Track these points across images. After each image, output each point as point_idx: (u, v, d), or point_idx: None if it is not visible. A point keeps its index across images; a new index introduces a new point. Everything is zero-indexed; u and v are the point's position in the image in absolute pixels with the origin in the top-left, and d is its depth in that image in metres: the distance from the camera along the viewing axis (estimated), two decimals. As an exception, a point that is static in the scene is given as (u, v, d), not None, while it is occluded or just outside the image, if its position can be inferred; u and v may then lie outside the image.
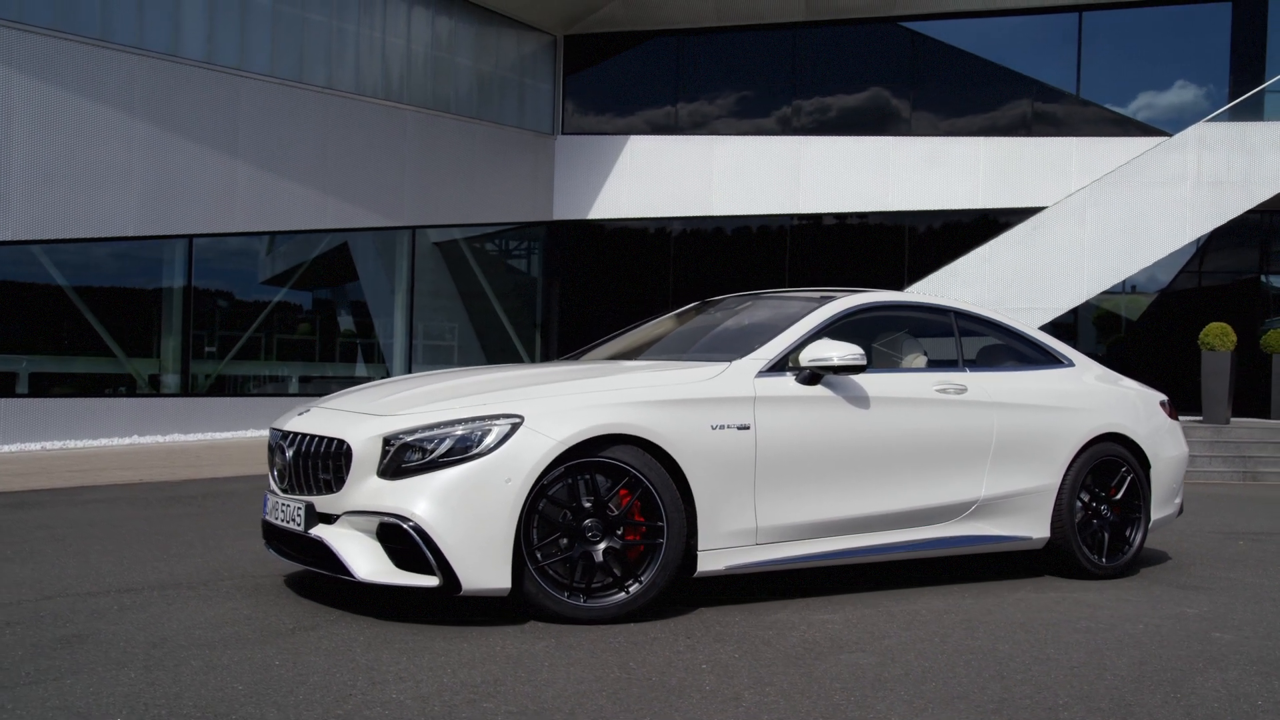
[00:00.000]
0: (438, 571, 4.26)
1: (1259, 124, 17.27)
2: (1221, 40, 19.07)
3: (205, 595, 4.92)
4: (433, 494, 4.29)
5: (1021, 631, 4.63)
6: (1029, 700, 3.64)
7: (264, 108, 15.77)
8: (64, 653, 3.92)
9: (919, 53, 19.64)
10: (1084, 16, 19.13)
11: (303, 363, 17.32)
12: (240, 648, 4.01)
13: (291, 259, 17.01)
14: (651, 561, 4.55)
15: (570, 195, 20.33)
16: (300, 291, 17.31)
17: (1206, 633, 4.73)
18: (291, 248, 16.90)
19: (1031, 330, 6.28)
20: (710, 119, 20.38)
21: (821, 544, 5.06)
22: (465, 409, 4.46)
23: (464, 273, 19.73)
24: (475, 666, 3.84)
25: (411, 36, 18.04)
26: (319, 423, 4.69)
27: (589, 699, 3.51)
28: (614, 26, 20.24)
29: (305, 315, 17.56)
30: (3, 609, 4.59)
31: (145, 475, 10.56)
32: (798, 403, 5.01)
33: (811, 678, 3.82)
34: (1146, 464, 6.17)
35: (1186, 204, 17.04)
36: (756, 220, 20.03)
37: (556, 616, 4.44)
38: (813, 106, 20.00)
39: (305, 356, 17.36)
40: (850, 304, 5.52)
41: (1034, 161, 18.80)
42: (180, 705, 3.36)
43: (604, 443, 4.50)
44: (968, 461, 5.52)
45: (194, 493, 9.34)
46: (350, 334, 18.05)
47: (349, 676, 3.69)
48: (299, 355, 17.33)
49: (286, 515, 4.68)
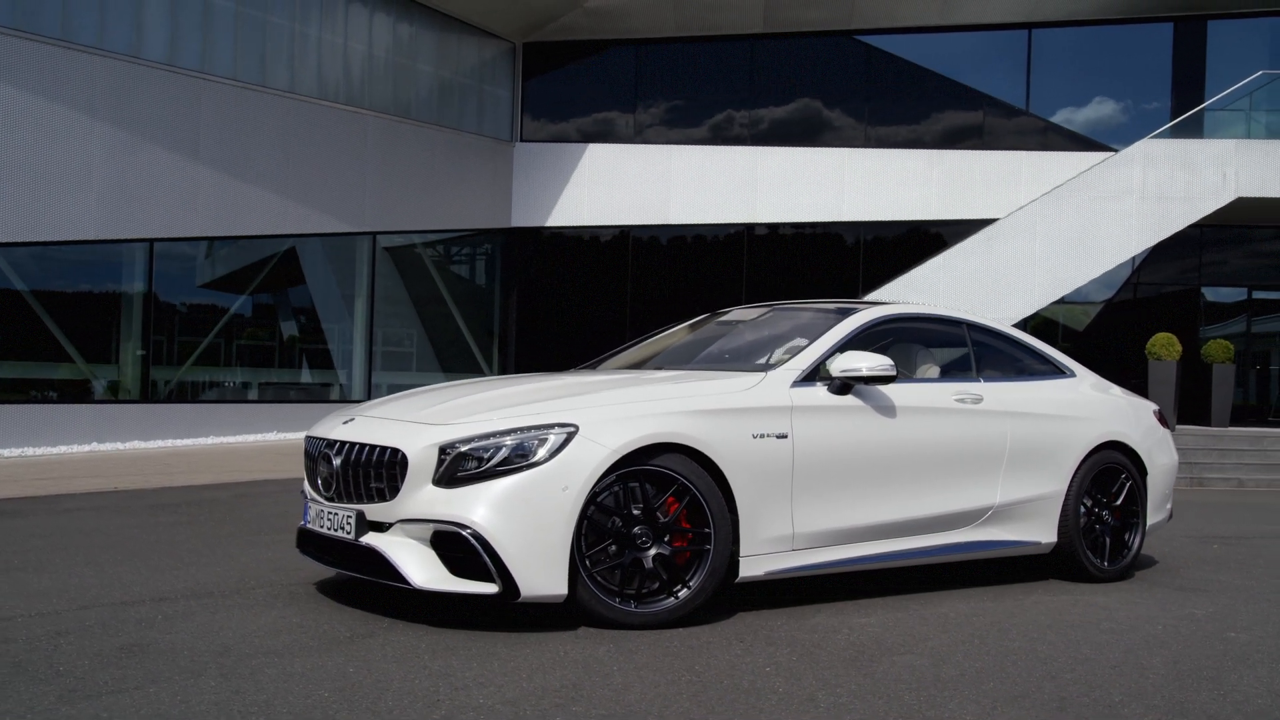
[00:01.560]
0: (497, 578, 4.32)
1: (1200, 141, 17.87)
2: (1163, 59, 19.69)
3: (243, 603, 4.92)
4: (491, 502, 4.35)
5: (1051, 633, 4.81)
6: (1086, 698, 3.81)
7: (226, 110, 15.61)
8: (131, 662, 3.92)
9: (874, 66, 20.00)
10: (1033, 34, 19.63)
11: (263, 369, 17.13)
12: (307, 655, 4.04)
13: (252, 264, 16.83)
14: (699, 567, 4.65)
15: (528, 202, 20.37)
16: (260, 297, 17.14)
17: (1221, 633, 4.95)
18: (252, 253, 16.72)
19: (1035, 341, 6.50)
20: (669, 128, 20.55)
21: (852, 549, 5.21)
22: (520, 418, 4.53)
23: (422, 279, 19.67)
24: (548, 671, 3.91)
25: (373, 41, 17.97)
26: (368, 431, 4.72)
27: (673, 702, 3.61)
28: (573, 35, 20.33)
29: (265, 321, 17.38)
30: (43, 618, 4.56)
31: (118, 483, 10.41)
32: (830, 412, 5.15)
33: (874, 679, 3.95)
34: (1143, 471, 6.41)
35: (1133, 218, 17.57)
36: (714, 229, 20.23)
37: (608, 622, 4.52)
38: (770, 117, 20.26)
39: (265, 363, 17.18)
40: (874, 316, 5.68)
41: (985, 173, 19.24)
42: (275, 713, 3.39)
43: (653, 451, 4.59)
44: (984, 469, 5.71)
45: (175, 500, 9.23)
46: (310, 340, 17.89)
47: (428, 682, 3.74)
48: (259, 361, 17.15)
49: (334, 523, 4.70)
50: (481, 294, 21.07)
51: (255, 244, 16.56)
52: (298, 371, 17.58)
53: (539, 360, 20.72)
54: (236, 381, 16.83)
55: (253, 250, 16.67)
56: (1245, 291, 20.02)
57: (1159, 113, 19.59)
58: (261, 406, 16.40)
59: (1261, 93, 18.65)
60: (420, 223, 18.79)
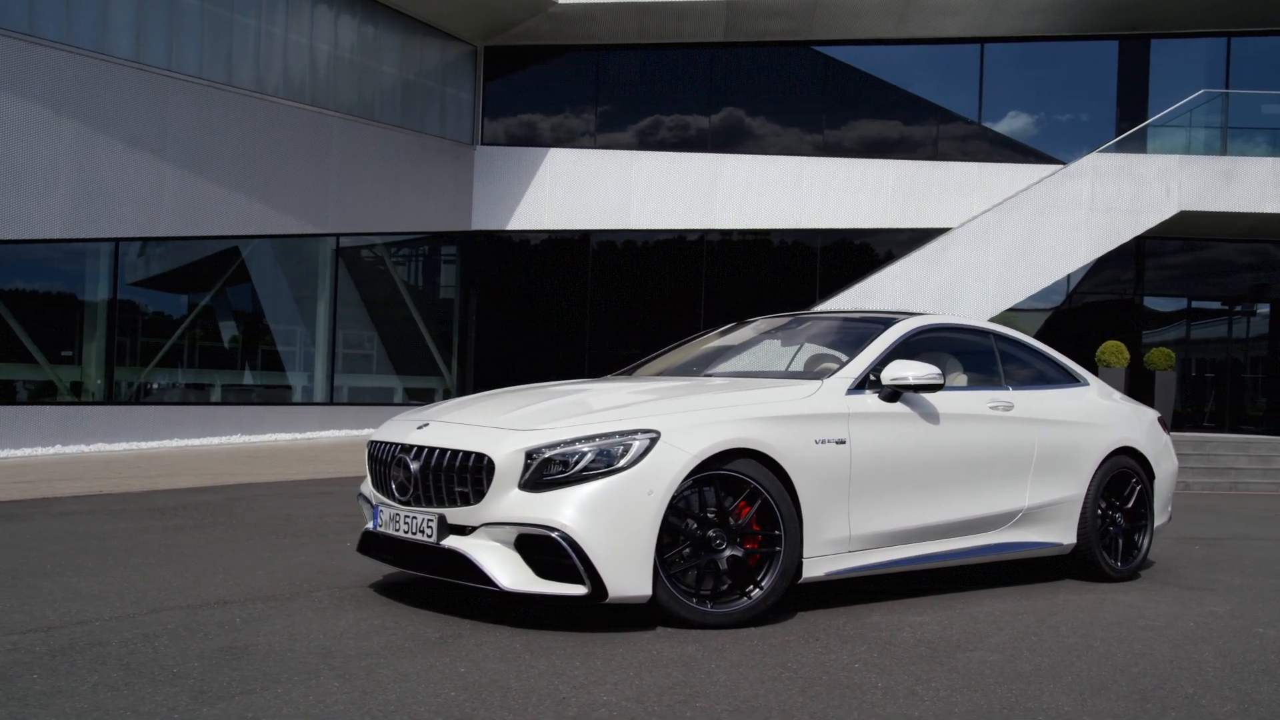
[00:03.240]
0: (586, 580, 4.44)
1: (1144, 156, 18.52)
2: (1109, 76, 20.34)
3: (311, 606, 4.97)
4: (579, 505, 4.47)
5: (1098, 629, 5.05)
6: (1161, 690, 4.04)
7: (193, 109, 15.44)
8: (240, 664, 3.97)
9: (832, 77, 20.38)
10: (985, 48, 20.16)
11: (225, 370, 16.95)
12: (410, 656, 4.13)
13: (217, 265, 16.64)
14: (770, 568, 4.81)
15: (489, 206, 20.39)
16: (224, 298, 16.95)
17: (1249, 629, 5.24)
18: (217, 253, 16.53)
19: (1053, 351, 6.78)
20: (630, 134, 20.72)
21: (902, 551, 5.41)
22: (603, 424, 4.65)
23: (383, 282, 19.59)
24: (653, 669, 4.04)
25: (337, 42, 17.87)
26: (449, 436, 4.80)
27: (786, 698, 3.76)
28: (535, 39, 20.41)
29: (228, 323, 17.19)
30: (119, 622, 4.56)
31: (100, 486, 10.28)
32: (882, 418, 5.36)
33: (958, 673, 4.15)
34: (1151, 475, 6.72)
35: (1082, 229, 18.15)
36: (674, 235, 20.44)
37: (685, 622, 4.66)
38: (730, 125, 20.53)
39: (228, 365, 16.99)
40: (914, 325, 5.90)
41: (938, 184, 19.71)
42: (415, 712, 3.48)
43: (727, 456, 4.75)
44: (1015, 473, 5.96)
45: (168, 504, 9.15)
46: (272, 342, 17.73)
47: (544, 681, 3.85)
48: (221, 363, 16.95)
49: (413, 527, 4.78)
50: (442, 297, 21.03)
51: (220, 244, 16.39)
52: (260, 374, 17.42)
53: (499, 363, 20.75)
54: (199, 383, 16.63)
55: (217, 250, 16.49)
56: (1185, 301, 20.75)
57: (1105, 127, 20.23)
58: (224, 409, 16.23)
59: (1201, 110, 19.39)
60: (382, 225, 18.73)
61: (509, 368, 20.83)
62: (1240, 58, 19.93)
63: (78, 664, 3.94)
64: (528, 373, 20.62)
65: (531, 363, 20.80)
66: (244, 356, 17.23)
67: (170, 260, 16.22)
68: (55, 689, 3.64)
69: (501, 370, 20.81)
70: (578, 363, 20.57)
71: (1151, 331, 20.74)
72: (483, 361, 20.79)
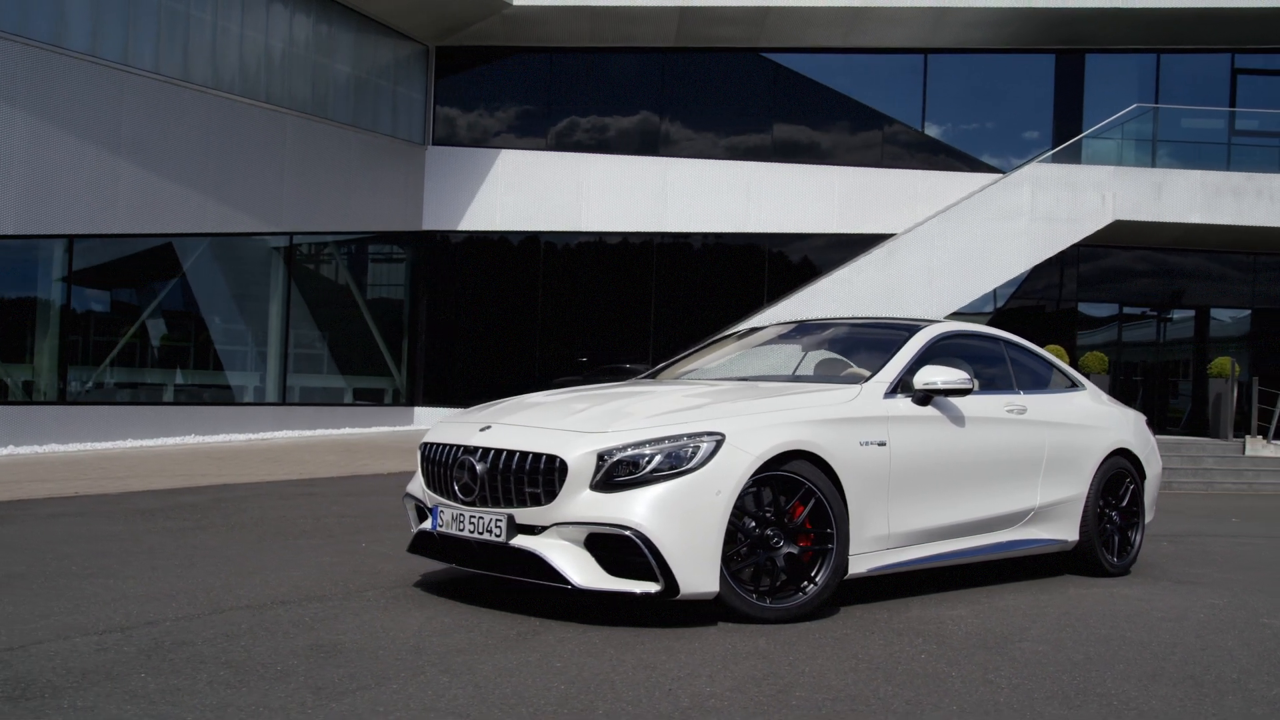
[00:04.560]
0: (660, 577, 4.60)
1: (1081, 166, 19.23)
2: (1046, 88, 21.02)
3: (372, 605, 5.05)
4: (651, 504, 4.63)
5: (1125, 622, 5.35)
6: (1209, 675, 4.33)
7: (149, 105, 15.21)
8: (341, 660, 4.05)
9: (781, 84, 20.74)
10: (929, 59, 20.69)
11: (178, 370, 16.70)
12: (501, 652, 4.24)
13: (170, 263, 16.39)
14: (824, 565, 5.02)
15: (440, 206, 20.36)
16: (177, 297, 16.70)
17: (1256, 620, 5.58)
18: (171, 251, 16.28)
19: (1053, 357, 7.11)
20: (582, 136, 20.85)
21: (933, 548, 5.67)
22: (671, 427, 4.82)
23: (335, 281, 19.46)
24: (738, 662, 4.22)
25: (292, 39, 17.72)
26: (518, 438, 4.92)
27: (874, 686, 3.97)
28: (488, 40, 20.43)
29: (181, 321, 16.94)
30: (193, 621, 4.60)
31: (72, 488, 10.06)
32: (916, 421, 5.60)
33: (1020, 662, 4.40)
34: (1143, 475, 7.09)
35: (1023, 236, 18.76)
36: (625, 237, 20.62)
37: (745, 617, 4.85)
38: (681, 129, 20.78)
39: (180, 364, 16.75)
40: (937, 332, 6.16)
41: (884, 191, 20.18)
42: (536, 704, 3.61)
43: (785, 458, 4.94)
44: (1029, 474, 6.26)
45: (152, 506, 9.04)
46: (225, 341, 17.50)
47: (642, 675, 4.00)
48: (174, 362, 16.70)
49: (481, 527, 4.89)
50: (392, 297, 20.94)
51: (174, 242, 16.15)
52: (213, 373, 17.19)
53: (449, 364, 20.73)
54: (152, 383, 16.36)
55: (171, 248, 16.25)
56: (1117, 306, 21.52)
57: (1043, 138, 20.89)
58: (178, 409, 16.00)
59: (1134, 123, 20.16)
60: (335, 224, 18.61)
61: (460, 369, 20.83)
62: (1169, 75, 20.74)
63: (176, 663, 3.99)
64: (478, 374, 20.65)
65: (482, 364, 20.82)
66: (197, 356, 16.99)
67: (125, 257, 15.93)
68: (172, 687, 3.69)
69: (452, 372, 20.80)
70: (529, 364, 20.65)
71: (1085, 334, 21.47)
72: (433, 362, 20.75)
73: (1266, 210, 19.03)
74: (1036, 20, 19.68)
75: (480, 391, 20.56)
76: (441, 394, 20.50)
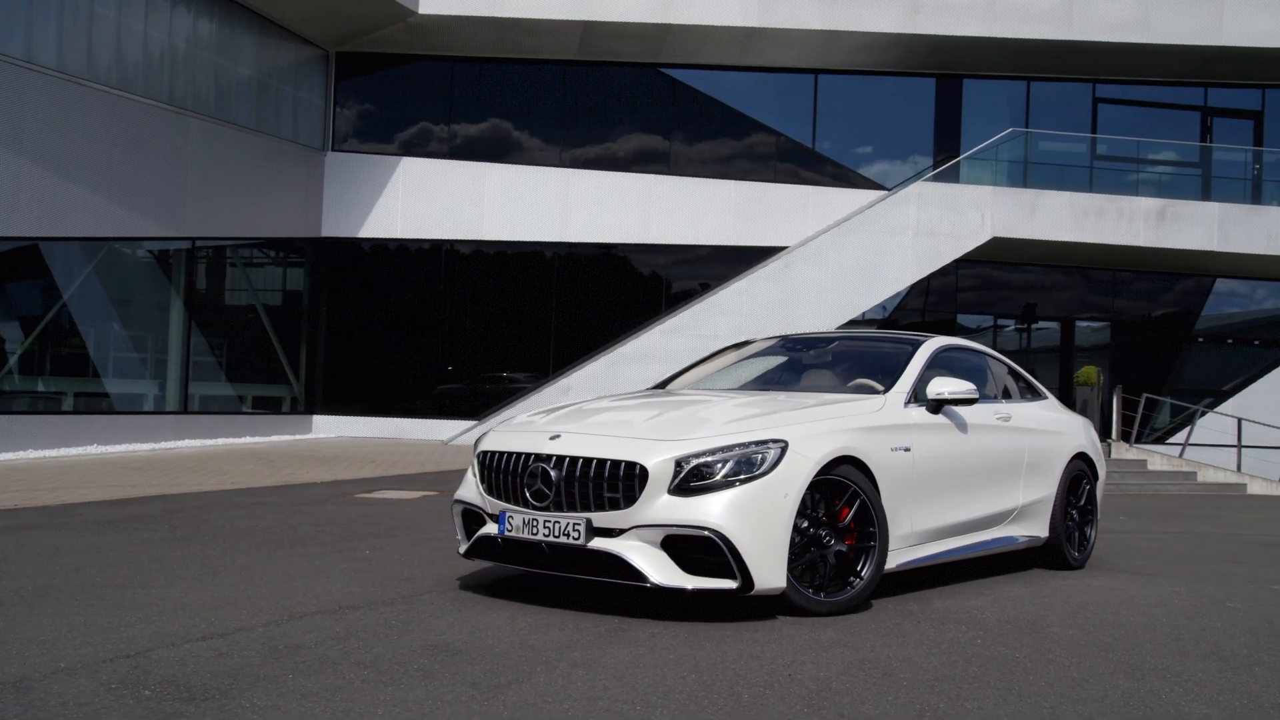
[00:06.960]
0: (738, 574, 4.95)
1: (962, 185, 20.33)
2: (927, 110, 22.11)
3: (443, 608, 5.22)
4: (728, 506, 4.97)
5: (1121, 609, 5.93)
6: (1227, 650, 4.90)
7: (51, 105, 14.73)
8: (469, 659, 4.25)
9: (679, 98, 21.27)
10: (819, 79, 21.53)
11: (77, 378, 16.15)
12: (611, 647, 4.50)
13: (71, 268, 15.85)
14: (868, 561, 5.44)
15: (339, 213, 20.18)
16: (77, 303, 16.14)
17: (1222, 604, 6.24)
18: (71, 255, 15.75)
19: (1021, 369, 7.74)
20: (484, 146, 20.95)
21: (943, 544, 6.16)
22: (740, 435, 5.17)
23: (235, 288, 19.09)
24: (827, 650, 4.59)
25: (196, 40, 17.35)
26: (593, 446, 5.18)
27: (959, 668, 4.39)
28: (389, 47, 20.35)
29: (81, 328, 16.37)
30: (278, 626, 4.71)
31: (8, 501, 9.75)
32: (932, 429, 6.09)
33: (1065, 645, 4.89)
34: (1096, 476, 7.77)
35: (909, 251, 19.73)
36: (527, 247, 20.80)
37: (803, 610, 5.23)
38: (582, 141, 21.09)
39: (79, 372, 16.20)
40: (935, 346, 6.69)
41: (777, 205, 20.90)
42: (687, 692, 3.90)
43: (835, 463, 5.35)
44: (1014, 476, 6.83)
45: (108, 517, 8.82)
46: (125, 348, 16.99)
47: (753, 663, 4.33)
48: (73, 370, 16.15)
49: (558, 530, 5.14)
50: (292, 304, 20.61)
51: (75, 247, 15.63)
52: (113, 381, 16.67)
53: (347, 373, 20.52)
54: (51, 391, 15.79)
55: (73, 252, 15.72)
56: (991, 318, 22.77)
57: (925, 158, 21.97)
58: (78, 418, 15.49)
59: (1008, 145, 21.40)
60: (236, 229, 18.27)
61: (359, 378, 20.64)
62: (1039, 101, 22.08)
63: (308, 664, 4.12)
64: (378, 383, 20.51)
65: (382, 372, 20.68)
66: (97, 364, 16.46)
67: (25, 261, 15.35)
68: (331, 686, 3.84)
69: (351, 380, 20.60)
70: (431, 371, 20.62)
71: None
72: (332, 371, 20.52)
73: (1126, 230, 20.46)
74: (918, 46, 20.70)
75: (380, 402, 20.51)
76: (340, 403, 20.30)
